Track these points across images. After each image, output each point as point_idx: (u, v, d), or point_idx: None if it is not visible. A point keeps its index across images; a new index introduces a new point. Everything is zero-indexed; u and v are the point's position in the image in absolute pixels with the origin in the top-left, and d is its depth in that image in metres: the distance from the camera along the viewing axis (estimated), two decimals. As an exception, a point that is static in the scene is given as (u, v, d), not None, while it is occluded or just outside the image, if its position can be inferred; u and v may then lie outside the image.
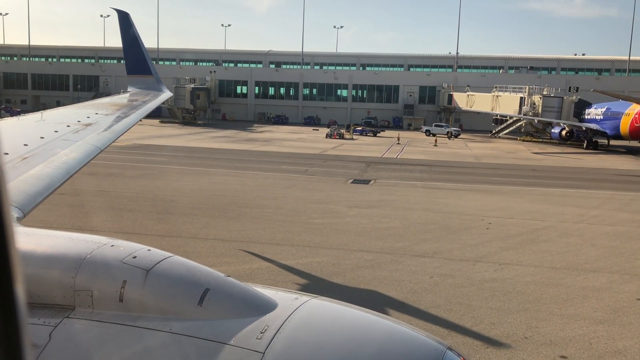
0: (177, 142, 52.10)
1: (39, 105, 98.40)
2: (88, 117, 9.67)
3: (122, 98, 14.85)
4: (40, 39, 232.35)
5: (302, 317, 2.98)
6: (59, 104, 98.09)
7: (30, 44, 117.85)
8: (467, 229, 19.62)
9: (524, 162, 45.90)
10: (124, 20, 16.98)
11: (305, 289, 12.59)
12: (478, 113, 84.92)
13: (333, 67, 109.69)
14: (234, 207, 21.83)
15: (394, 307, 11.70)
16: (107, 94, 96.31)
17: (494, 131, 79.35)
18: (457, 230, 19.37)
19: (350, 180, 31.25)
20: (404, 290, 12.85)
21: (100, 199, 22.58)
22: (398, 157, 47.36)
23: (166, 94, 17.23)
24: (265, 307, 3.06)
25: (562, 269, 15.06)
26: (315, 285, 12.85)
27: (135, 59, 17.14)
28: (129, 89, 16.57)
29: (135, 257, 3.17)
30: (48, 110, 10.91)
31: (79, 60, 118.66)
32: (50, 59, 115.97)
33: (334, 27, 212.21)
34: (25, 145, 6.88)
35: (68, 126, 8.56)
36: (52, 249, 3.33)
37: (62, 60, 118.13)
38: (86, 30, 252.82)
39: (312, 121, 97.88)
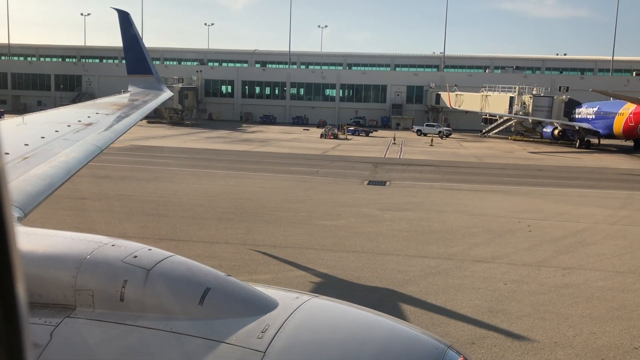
0: (174, 143, 51.07)
1: (19, 106, 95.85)
2: (89, 116, 9.58)
3: (122, 98, 14.61)
4: (19, 38, 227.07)
5: (302, 317, 2.97)
6: (40, 104, 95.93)
7: (10, 42, 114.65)
8: (510, 232, 19.34)
9: (526, 162, 46.05)
10: (124, 19, 16.75)
11: (386, 300, 12.12)
12: (467, 112, 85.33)
13: (319, 67, 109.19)
14: (266, 211, 21.20)
15: (483, 317, 11.29)
16: (91, 93, 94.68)
17: (484, 130, 79.72)
18: (501, 233, 19.06)
19: (366, 182, 30.81)
20: (486, 298, 12.43)
21: (127, 203, 21.69)
22: (400, 157, 47.14)
23: (167, 94, 17.01)
24: (266, 306, 3.04)
25: (628, 273, 14.83)
26: (395, 297, 12.32)
27: (135, 59, 16.90)
28: (129, 89, 16.31)
29: (136, 256, 3.15)
30: (49, 110, 10.76)
31: (60, 59, 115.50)
32: (30, 58, 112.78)
33: (319, 26, 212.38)
34: (26, 145, 6.86)
35: (69, 126, 8.48)
36: (53, 249, 3.31)
37: (42, 59, 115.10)
38: (66, 29, 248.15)
39: (300, 121, 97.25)
